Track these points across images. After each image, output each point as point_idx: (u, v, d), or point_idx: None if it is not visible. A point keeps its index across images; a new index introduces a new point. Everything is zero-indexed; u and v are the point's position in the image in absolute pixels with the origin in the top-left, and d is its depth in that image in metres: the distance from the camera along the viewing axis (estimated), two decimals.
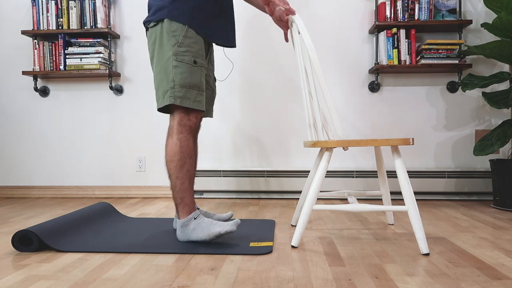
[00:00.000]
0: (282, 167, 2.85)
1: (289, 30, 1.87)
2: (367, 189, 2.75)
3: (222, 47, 2.80)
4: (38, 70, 2.81)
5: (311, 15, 2.84)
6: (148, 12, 1.67)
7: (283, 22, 1.85)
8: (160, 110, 1.65)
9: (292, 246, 1.58)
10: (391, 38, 2.65)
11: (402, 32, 2.64)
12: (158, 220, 2.05)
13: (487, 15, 2.75)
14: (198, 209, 1.86)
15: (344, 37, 2.83)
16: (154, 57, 1.64)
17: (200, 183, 2.81)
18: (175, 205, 1.62)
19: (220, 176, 2.81)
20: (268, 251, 1.49)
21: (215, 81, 1.86)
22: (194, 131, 1.65)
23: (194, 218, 1.61)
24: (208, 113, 1.86)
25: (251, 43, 2.86)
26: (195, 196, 2.88)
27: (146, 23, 1.67)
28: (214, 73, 2.05)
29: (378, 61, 2.71)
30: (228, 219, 1.88)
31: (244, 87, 2.88)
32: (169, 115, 2.65)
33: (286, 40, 1.90)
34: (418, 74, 2.81)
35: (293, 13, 1.70)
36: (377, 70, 2.69)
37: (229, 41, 1.77)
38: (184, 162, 1.59)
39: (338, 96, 2.84)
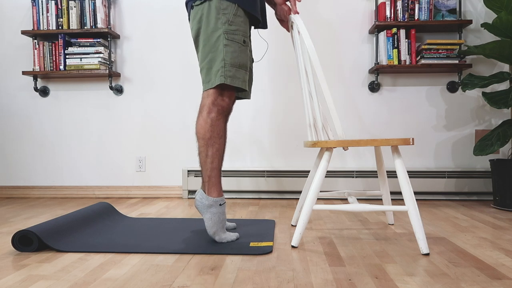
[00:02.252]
0: (282, 167, 2.85)
1: (290, 30, 1.87)
2: (367, 189, 2.75)
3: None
4: (38, 70, 2.81)
5: (311, 15, 2.84)
6: None
7: (285, 22, 1.88)
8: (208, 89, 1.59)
9: (292, 246, 1.58)
10: (391, 38, 2.65)
11: (402, 32, 2.64)
12: (158, 220, 2.05)
13: (487, 15, 2.75)
14: None
15: (344, 37, 2.83)
16: (201, 35, 1.59)
17: (200, 183, 2.81)
18: (203, 182, 1.61)
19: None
20: (268, 251, 1.49)
21: (253, 61, 1.84)
22: (226, 111, 1.61)
23: (220, 205, 1.60)
24: (248, 94, 1.82)
25: (252, 42, 2.86)
26: (194, 196, 2.87)
27: (190, 1, 1.63)
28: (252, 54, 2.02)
29: (378, 61, 2.71)
30: (231, 230, 1.87)
31: None
32: (165, 111, 2.64)
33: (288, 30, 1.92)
34: (418, 74, 2.81)
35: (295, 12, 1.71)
36: (377, 70, 2.69)
37: (264, 23, 1.78)
38: (214, 141, 1.57)
39: (338, 96, 2.84)
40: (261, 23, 1.78)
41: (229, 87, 1.60)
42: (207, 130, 1.56)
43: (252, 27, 1.78)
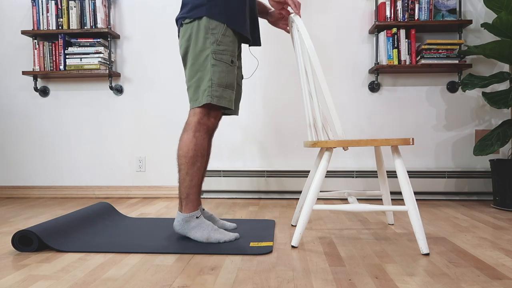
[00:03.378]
0: (282, 167, 2.85)
1: (290, 30, 1.87)
2: (367, 189, 2.75)
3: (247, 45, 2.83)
4: (38, 70, 2.81)
5: (311, 15, 2.84)
6: (182, 9, 1.66)
7: (280, 25, 1.91)
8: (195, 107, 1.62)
9: (292, 246, 1.58)
10: (391, 38, 2.65)
11: (402, 32, 2.64)
12: (158, 220, 2.05)
13: (487, 15, 2.75)
14: (204, 210, 1.86)
15: (344, 37, 2.83)
16: (189, 53, 1.62)
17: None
18: (180, 199, 1.63)
19: (220, 176, 2.81)
20: (268, 251, 1.49)
21: (242, 78, 1.86)
22: (211, 130, 1.65)
23: (197, 217, 1.62)
24: (235, 111, 1.84)
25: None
26: None
27: (180, 19, 1.65)
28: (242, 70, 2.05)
29: (378, 61, 2.71)
30: (231, 231, 1.87)
31: (244, 87, 2.88)
32: (175, 111, 2.64)
33: (286, 30, 1.94)
34: (418, 74, 2.81)
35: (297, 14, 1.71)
36: (377, 70, 2.69)
37: (256, 41, 1.80)
38: (196, 160, 1.59)
39: (338, 96, 2.84)
40: (253, 41, 1.79)
41: (216, 106, 1.62)
42: (191, 148, 1.58)
43: (247, 45, 1.80)
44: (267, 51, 2.86)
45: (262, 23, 2.86)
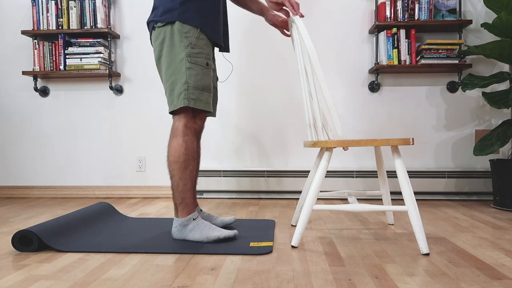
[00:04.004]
0: (282, 167, 2.85)
1: (290, 30, 1.87)
2: (367, 189, 2.75)
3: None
4: (38, 70, 2.81)
5: (311, 15, 2.84)
6: (153, 12, 1.65)
7: (277, 25, 1.92)
8: (171, 112, 1.64)
9: (292, 246, 1.58)
10: (391, 38, 2.65)
11: (402, 32, 2.64)
12: (158, 220, 2.05)
13: (487, 15, 2.75)
14: (201, 210, 1.86)
15: (344, 37, 2.83)
16: (163, 57, 1.61)
17: (200, 183, 2.81)
18: (175, 204, 1.63)
19: (220, 176, 2.81)
20: (268, 251, 1.49)
21: (217, 80, 1.87)
22: (198, 133, 1.66)
23: (193, 219, 1.62)
24: (213, 113, 1.85)
25: (251, 43, 2.86)
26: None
27: (152, 22, 1.64)
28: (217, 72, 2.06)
29: (378, 61, 2.71)
30: (231, 224, 1.89)
31: (244, 88, 2.88)
32: (171, 115, 2.65)
33: (287, 35, 1.94)
34: (418, 74, 2.81)
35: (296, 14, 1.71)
36: (377, 70, 2.69)
37: (226, 47, 1.81)
38: (188, 164, 1.59)
39: (338, 96, 2.84)
40: (224, 47, 1.80)
41: (199, 109, 1.62)
42: (182, 153, 1.58)
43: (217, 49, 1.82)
44: (267, 51, 2.86)
45: (262, 22, 2.86)
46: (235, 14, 2.87)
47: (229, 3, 2.85)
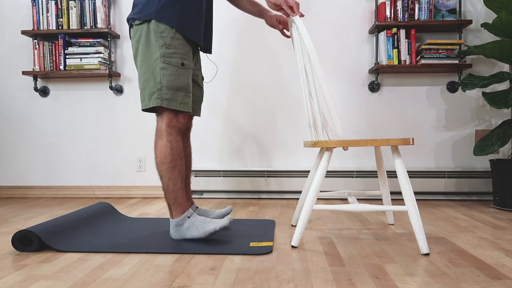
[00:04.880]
0: (282, 167, 2.85)
1: (290, 30, 1.87)
2: (367, 189, 2.75)
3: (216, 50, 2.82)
4: (38, 70, 2.81)
5: (311, 15, 2.84)
6: (133, 9, 1.65)
7: (277, 26, 1.93)
8: (144, 110, 1.64)
9: (292, 246, 1.58)
10: (391, 38, 2.65)
11: (402, 32, 2.64)
12: (158, 220, 2.05)
13: (487, 15, 2.75)
14: (197, 207, 1.87)
15: (344, 37, 2.83)
16: (138, 55, 1.62)
17: (200, 183, 2.81)
18: (168, 205, 1.63)
19: (220, 176, 2.81)
20: (268, 251, 1.49)
21: (203, 80, 1.86)
22: (182, 131, 1.66)
23: (188, 217, 1.62)
24: (196, 112, 1.85)
25: (250, 43, 2.86)
26: (195, 196, 2.88)
27: (130, 20, 1.64)
28: (202, 72, 2.06)
29: (378, 61, 2.71)
30: (228, 213, 1.91)
31: (244, 88, 2.88)
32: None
33: (287, 36, 1.95)
34: (418, 74, 2.81)
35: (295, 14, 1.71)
36: (377, 70, 2.69)
37: (207, 48, 1.80)
38: (175, 163, 1.59)
39: (338, 96, 2.84)
40: (205, 48, 1.79)
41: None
42: (167, 153, 1.58)
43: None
44: (267, 51, 2.86)
45: (261, 22, 2.86)
46: (235, 14, 2.87)
47: (227, 4, 2.85)
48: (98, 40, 2.76)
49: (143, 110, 1.64)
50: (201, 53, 2.86)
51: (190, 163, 1.89)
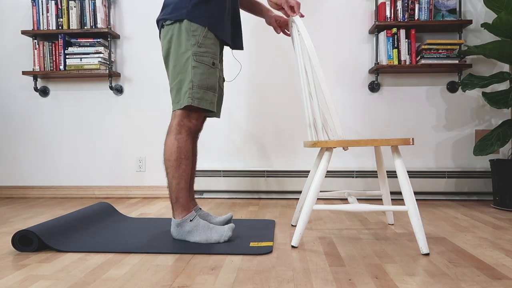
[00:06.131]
0: (282, 167, 2.85)
1: (290, 30, 1.87)
2: (367, 189, 2.75)
3: (230, 49, 2.82)
4: (38, 70, 2.81)
5: (311, 15, 2.84)
6: (163, 10, 1.65)
7: (277, 25, 1.94)
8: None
9: (292, 246, 1.58)
10: (391, 38, 2.65)
11: (402, 32, 2.64)
12: (158, 220, 2.05)
13: (487, 15, 2.75)
14: (200, 209, 1.86)
15: (344, 37, 2.83)
16: (170, 55, 1.62)
17: (200, 183, 2.81)
18: (171, 204, 1.63)
19: (220, 176, 2.81)
20: (268, 251, 1.49)
21: (224, 81, 1.86)
22: (193, 132, 1.64)
23: (190, 220, 1.61)
24: (217, 113, 1.84)
25: (252, 44, 2.86)
26: (195, 196, 2.88)
27: (161, 20, 1.64)
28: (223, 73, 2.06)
29: (378, 61, 2.71)
30: (228, 221, 1.88)
31: (244, 87, 2.88)
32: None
33: (287, 34, 1.96)
34: (418, 74, 2.81)
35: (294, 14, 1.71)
36: (377, 70, 2.69)
37: (239, 45, 1.80)
38: (180, 162, 1.59)
39: (338, 96, 2.84)
40: (236, 45, 1.79)
41: (196, 108, 1.61)
42: (173, 151, 1.58)
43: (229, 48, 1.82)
44: (267, 51, 2.86)
45: (261, 22, 2.86)
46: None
47: None
48: (98, 40, 2.76)
49: (174, 110, 1.62)
50: (224, 54, 2.85)
51: (195, 164, 1.89)
